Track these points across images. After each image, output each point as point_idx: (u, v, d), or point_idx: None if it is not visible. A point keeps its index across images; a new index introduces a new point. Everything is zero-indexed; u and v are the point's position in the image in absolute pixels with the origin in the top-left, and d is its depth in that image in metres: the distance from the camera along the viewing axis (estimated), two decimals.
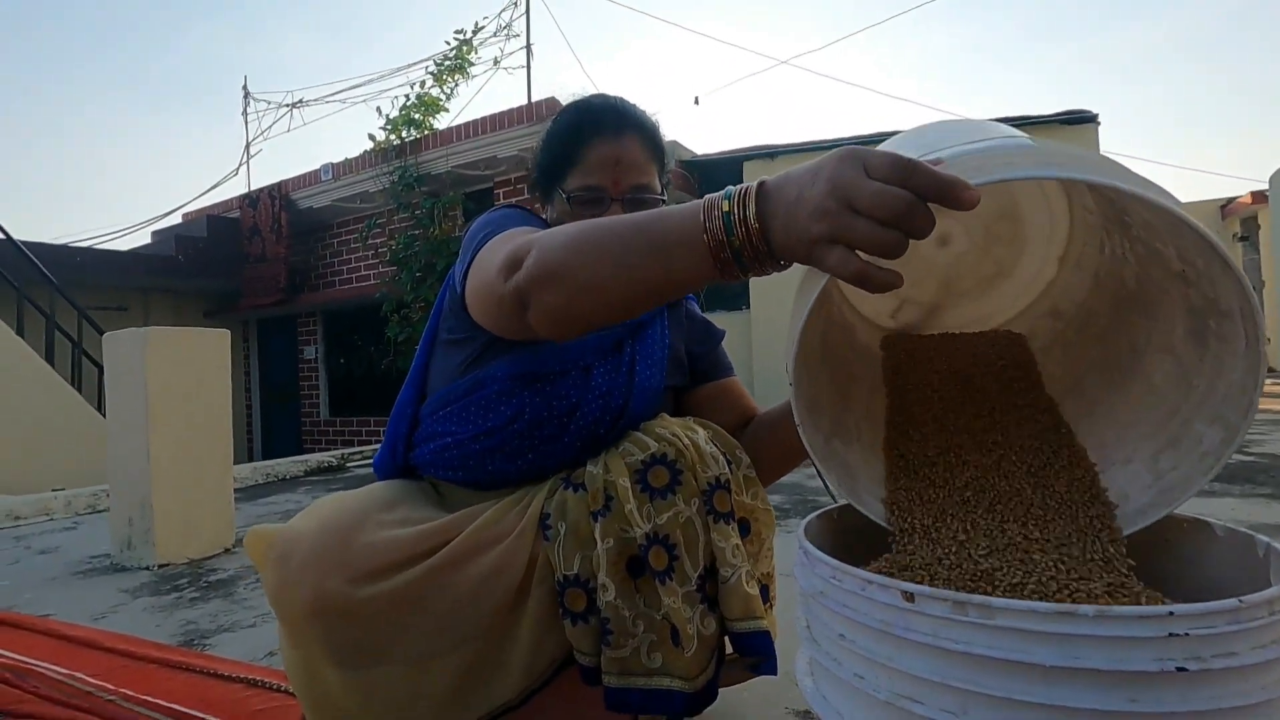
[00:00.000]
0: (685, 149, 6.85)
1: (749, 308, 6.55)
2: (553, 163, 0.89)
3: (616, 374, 0.87)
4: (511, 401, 0.84)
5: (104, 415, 4.93)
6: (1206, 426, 0.51)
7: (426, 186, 6.28)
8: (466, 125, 6.12)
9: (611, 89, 1.09)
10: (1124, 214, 0.56)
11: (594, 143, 0.86)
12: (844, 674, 0.45)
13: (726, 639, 0.75)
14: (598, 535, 0.73)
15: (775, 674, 0.76)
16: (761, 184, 0.51)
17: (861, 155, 0.46)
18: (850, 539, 0.62)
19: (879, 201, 0.43)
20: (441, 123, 6.61)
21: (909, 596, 0.41)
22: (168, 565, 2.09)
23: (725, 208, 0.51)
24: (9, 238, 5.22)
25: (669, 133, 0.98)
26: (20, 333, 4.81)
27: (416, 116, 6.51)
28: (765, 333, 6.38)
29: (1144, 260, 0.57)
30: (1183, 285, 0.52)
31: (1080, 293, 0.69)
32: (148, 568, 2.08)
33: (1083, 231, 0.68)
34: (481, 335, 0.86)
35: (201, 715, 1.05)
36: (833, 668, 0.46)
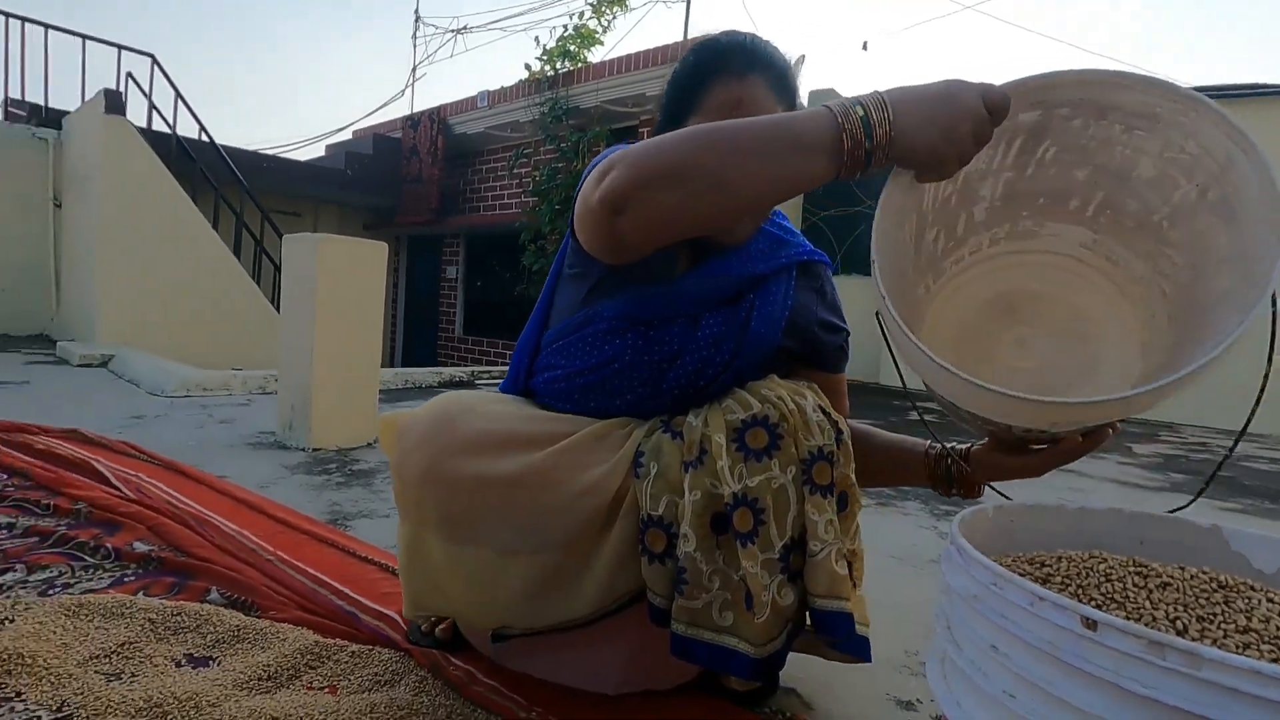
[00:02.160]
0: (836, 95, 6.43)
1: None
2: (675, 105, 0.85)
3: (729, 325, 0.84)
4: (615, 341, 0.84)
5: (277, 308, 5.53)
6: None
7: (574, 120, 6.34)
8: (618, 60, 6.06)
9: (772, 29, 1.02)
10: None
11: (715, 85, 0.80)
12: (991, 688, 0.41)
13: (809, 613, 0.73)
14: (686, 485, 0.73)
15: (868, 659, 0.73)
16: (886, 95, 0.60)
17: (987, 95, 0.59)
18: (1002, 540, 0.57)
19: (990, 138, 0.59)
20: (595, 56, 6.59)
21: (1090, 624, 0.36)
22: (320, 450, 2.34)
23: (861, 113, 0.60)
24: (212, 141, 5.85)
25: (828, 79, 0.92)
26: (215, 227, 5.43)
27: (572, 48, 6.53)
28: None
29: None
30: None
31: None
32: (304, 449, 2.33)
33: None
34: (595, 270, 0.86)
35: (340, 588, 1.18)
36: (977, 678, 0.42)
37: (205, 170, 5.58)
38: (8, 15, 5.55)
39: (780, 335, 0.86)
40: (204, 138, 5.83)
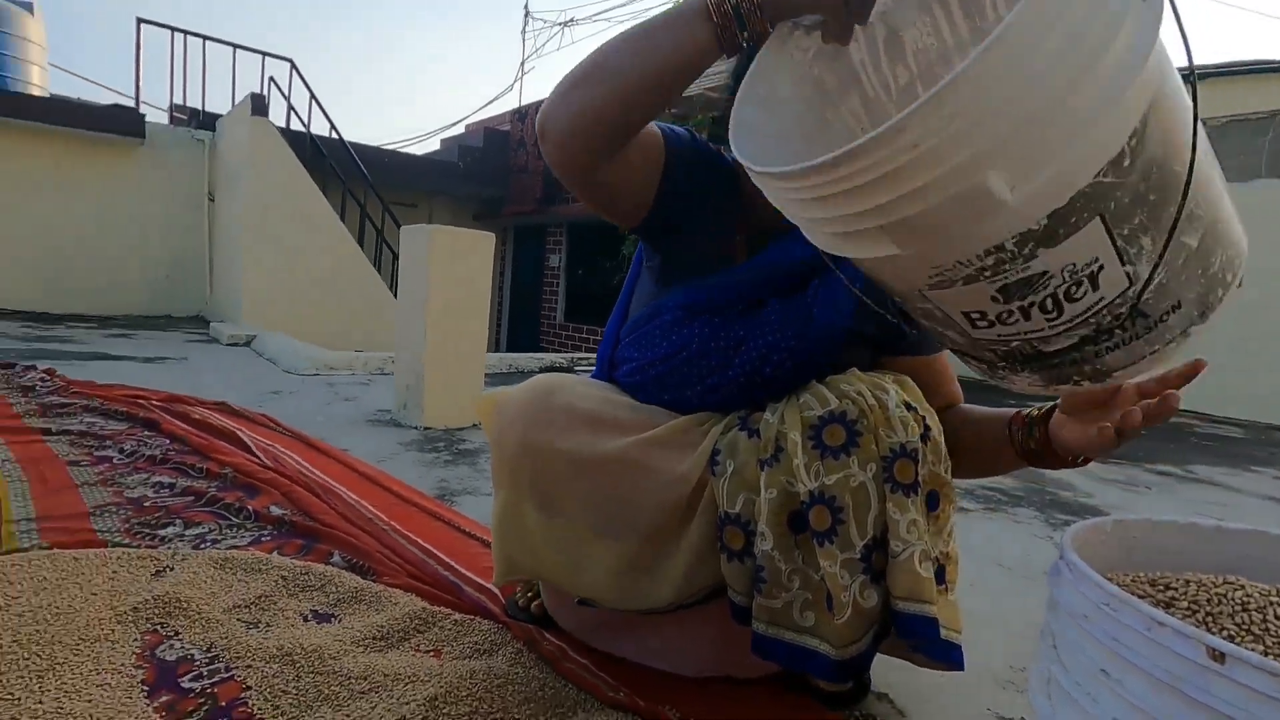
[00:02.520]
0: None
1: None
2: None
3: (792, 311, 0.82)
4: (681, 331, 0.84)
5: (395, 295, 5.90)
6: None
7: (676, 109, 6.32)
8: None
9: None
10: None
11: None
12: (1099, 713, 0.38)
13: None
14: (762, 483, 0.72)
15: (960, 668, 0.70)
16: None
17: None
18: (1119, 558, 0.53)
19: None
20: None
21: (1218, 656, 0.33)
22: (430, 429, 2.48)
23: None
24: (341, 139, 6.30)
25: None
26: (342, 218, 5.85)
27: None
28: None
29: None
30: None
31: None
32: (416, 428, 2.49)
33: None
34: (658, 261, 0.88)
35: (446, 559, 1.25)
36: (1084, 701, 0.40)
37: (335, 165, 6.02)
38: (172, 29, 6.20)
39: (850, 320, 0.82)
40: (334, 135, 6.29)
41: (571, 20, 9.40)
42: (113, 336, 4.64)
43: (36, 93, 6.44)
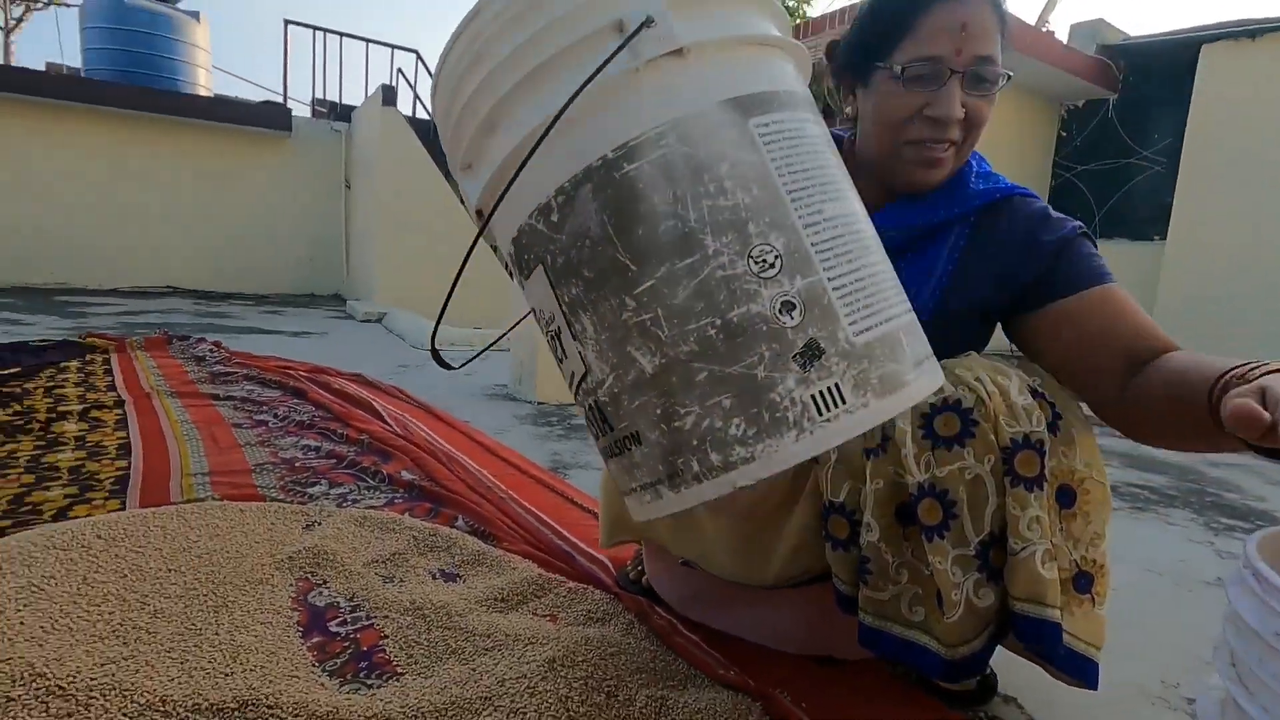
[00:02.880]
0: (1111, 29, 5.43)
1: (1163, 238, 5.17)
2: (880, 34, 0.76)
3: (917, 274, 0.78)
4: None
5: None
6: None
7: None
8: (839, 12, 5.70)
9: None
10: None
11: (934, 7, 0.71)
12: None
13: None
14: (868, 474, 0.68)
15: (1092, 686, 0.64)
16: None
17: None
18: None
19: None
20: (816, 10, 6.27)
21: None
22: (544, 404, 2.58)
23: None
24: None
25: (1077, 10, 0.78)
26: (461, 202, 6.14)
27: (790, 3, 6.27)
28: (1180, 275, 5.00)
29: None
30: None
31: None
32: (530, 402, 2.59)
33: None
34: None
35: (560, 529, 1.30)
36: None
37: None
38: (314, 28, 6.71)
39: (941, 295, 0.78)
40: None
41: None
42: (266, 313, 5.15)
43: (203, 94, 7.18)
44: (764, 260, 0.42)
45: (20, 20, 10.65)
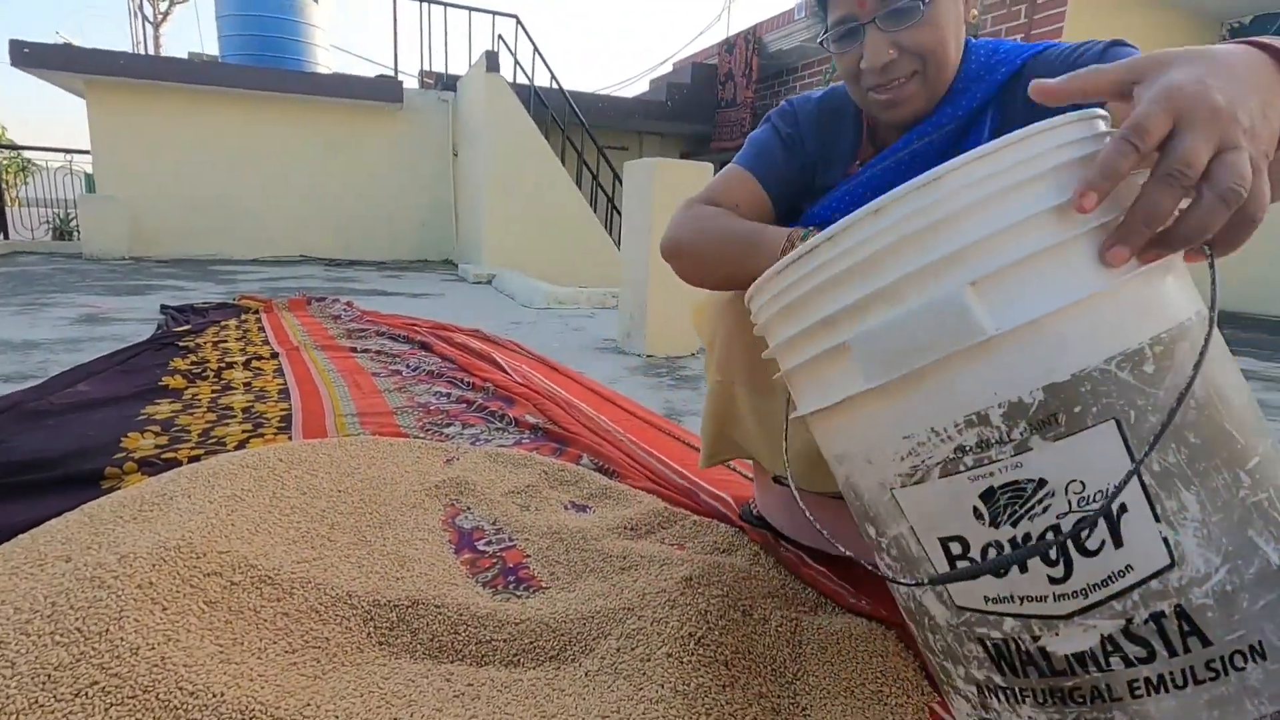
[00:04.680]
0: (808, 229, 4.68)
1: None
2: (817, 5, 0.83)
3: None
4: None
5: (610, 235, 6.20)
6: None
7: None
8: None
9: None
10: None
11: None
12: None
13: None
14: None
15: None
16: None
17: None
18: None
19: None
20: None
21: None
22: (653, 356, 2.62)
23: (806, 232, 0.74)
24: (561, 89, 6.65)
25: None
26: (561, 163, 6.24)
27: None
28: None
29: None
30: None
31: None
32: (639, 355, 2.64)
33: None
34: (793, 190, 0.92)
35: (680, 469, 1.34)
36: None
37: (555, 115, 6.40)
38: (420, 0, 6.92)
39: None
40: (555, 85, 6.66)
41: None
42: (387, 277, 5.49)
43: (323, 71, 7.62)
44: None
45: (166, 14, 11.66)
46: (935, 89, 0.79)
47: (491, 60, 5.87)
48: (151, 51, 10.83)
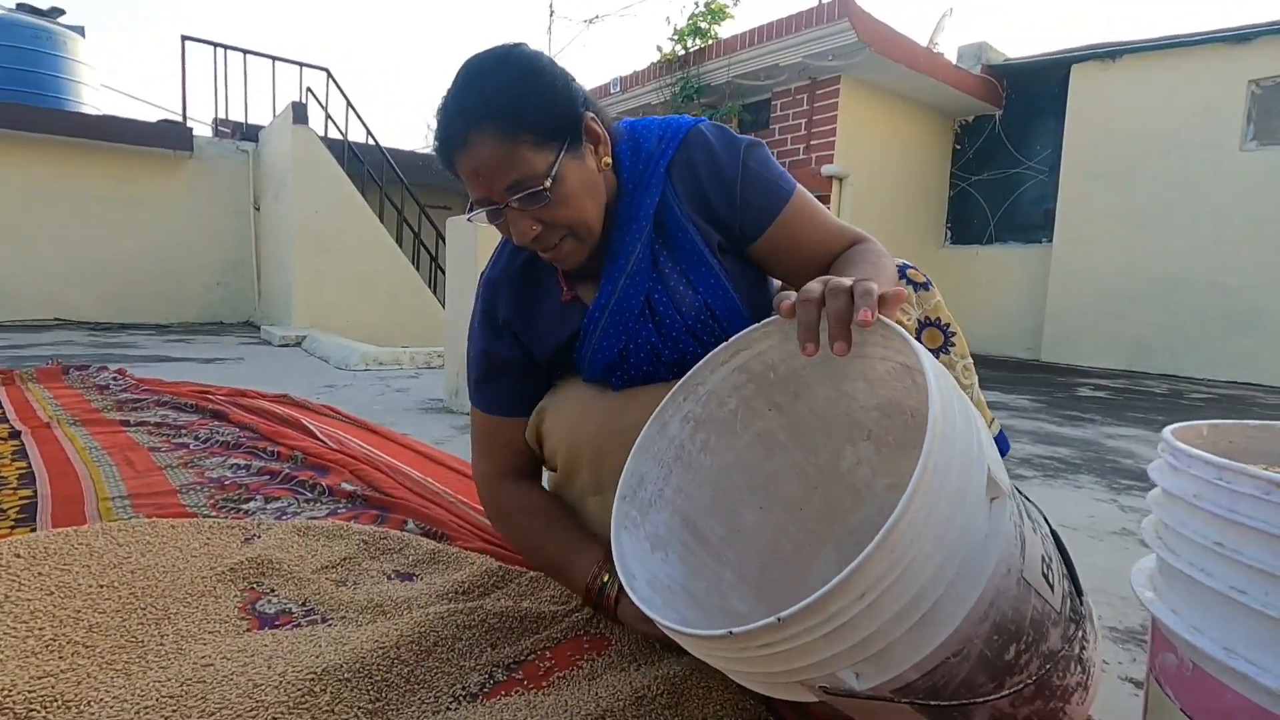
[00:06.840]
0: (993, 50, 5.92)
1: (1050, 241, 5.62)
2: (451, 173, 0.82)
3: (637, 314, 0.88)
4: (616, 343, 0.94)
5: (433, 293, 6.00)
6: None
7: (706, 98, 6.31)
8: (750, 32, 5.95)
9: None
10: None
11: (455, 160, 0.77)
12: (1216, 585, 0.39)
13: None
14: None
15: None
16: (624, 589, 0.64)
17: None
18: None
19: None
20: (726, 31, 6.51)
21: None
22: None
23: (604, 581, 0.86)
24: (377, 144, 6.44)
25: (961, 33, 0.94)
26: (380, 221, 6.00)
27: (703, 25, 6.49)
28: (1066, 275, 5.46)
29: None
30: None
31: None
32: (468, 413, 2.55)
33: None
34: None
35: None
36: (1199, 577, 0.41)
37: (371, 171, 6.17)
38: (215, 45, 6.42)
39: (713, 266, 0.87)
40: (370, 141, 6.43)
41: (597, 17, 9.43)
42: (171, 341, 4.83)
43: (90, 111, 6.73)
44: None
45: None
46: (593, 237, 0.82)
47: (299, 112, 5.55)
48: None
